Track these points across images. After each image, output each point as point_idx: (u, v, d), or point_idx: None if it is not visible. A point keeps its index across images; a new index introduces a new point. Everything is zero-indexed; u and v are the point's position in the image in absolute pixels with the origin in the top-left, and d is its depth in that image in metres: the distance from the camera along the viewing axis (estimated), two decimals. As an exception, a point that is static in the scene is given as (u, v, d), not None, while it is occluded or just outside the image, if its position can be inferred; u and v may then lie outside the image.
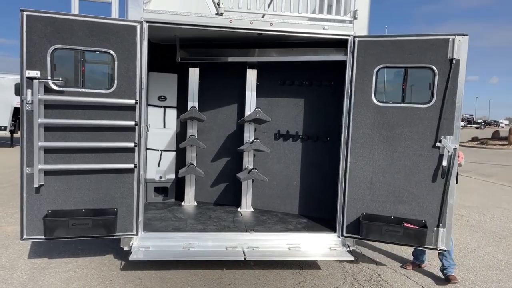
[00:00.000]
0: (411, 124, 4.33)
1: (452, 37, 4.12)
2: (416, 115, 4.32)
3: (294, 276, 4.56)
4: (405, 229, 4.32)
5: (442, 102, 4.19)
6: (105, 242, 5.14)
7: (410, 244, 4.43)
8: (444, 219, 4.27)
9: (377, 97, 4.45)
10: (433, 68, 4.20)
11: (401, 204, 4.44)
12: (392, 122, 4.40)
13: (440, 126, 4.20)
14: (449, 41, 4.12)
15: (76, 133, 4.05)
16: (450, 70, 4.12)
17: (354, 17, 4.51)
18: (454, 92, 4.15)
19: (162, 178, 6.24)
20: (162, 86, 6.16)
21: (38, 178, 3.91)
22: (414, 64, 4.29)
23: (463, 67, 4.12)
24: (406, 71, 4.36)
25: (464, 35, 4.11)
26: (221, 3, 4.34)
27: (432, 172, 4.29)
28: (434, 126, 4.23)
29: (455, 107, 4.17)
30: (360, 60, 4.45)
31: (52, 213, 4.03)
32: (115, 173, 4.18)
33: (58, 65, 3.97)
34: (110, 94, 4.08)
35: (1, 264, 4.62)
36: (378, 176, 4.48)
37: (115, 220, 4.12)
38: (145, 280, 4.30)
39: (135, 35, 4.10)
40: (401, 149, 4.38)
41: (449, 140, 4.16)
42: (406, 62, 4.32)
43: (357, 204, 4.57)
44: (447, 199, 4.25)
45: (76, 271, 4.50)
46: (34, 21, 3.83)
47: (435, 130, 4.23)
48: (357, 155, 4.55)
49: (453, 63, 4.10)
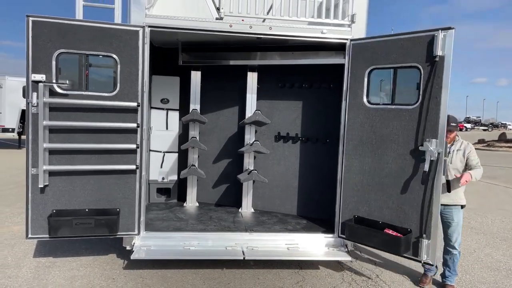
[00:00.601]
0: (397, 126, 4.20)
1: (436, 32, 3.86)
2: (402, 116, 4.17)
3: (293, 275, 4.63)
4: (383, 235, 4.18)
5: (427, 102, 3.98)
6: (108, 242, 5.24)
7: (388, 251, 4.30)
8: (428, 230, 4.00)
9: (369, 99, 4.47)
10: (419, 67, 4.02)
11: (388, 210, 4.30)
12: (381, 124, 4.32)
13: (425, 129, 3.98)
14: (434, 37, 3.87)
15: (80, 135, 4.16)
16: (434, 68, 3.90)
17: (352, 21, 4.59)
18: (439, 91, 3.88)
19: (164, 179, 6.34)
20: (165, 89, 6.28)
21: (43, 178, 4.03)
22: (401, 64, 4.16)
23: (448, 64, 3.83)
24: (395, 71, 4.25)
25: (450, 29, 3.82)
26: (221, 7, 4.44)
27: (415, 178, 4.09)
28: (419, 128, 4.04)
29: (440, 107, 3.89)
30: (354, 62, 4.51)
31: (56, 213, 4.14)
32: (117, 174, 4.29)
33: (62, 69, 4.09)
34: (113, 97, 4.19)
35: (7, 262, 4.75)
36: (368, 179, 4.45)
37: (117, 220, 4.22)
38: (146, 279, 4.40)
39: (137, 40, 4.20)
40: (389, 152, 4.26)
41: (433, 143, 3.90)
42: (393, 63, 4.21)
43: (350, 206, 4.62)
44: (431, 208, 3.99)
45: (80, 269, 4.61)
46: (39, 26, 3.95)
47: (420, 133, 4.03)
48: (350, 158, 4.59)
49: (436, 61, 3.87)
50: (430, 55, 3.89)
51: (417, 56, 4.02)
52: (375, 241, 4.26)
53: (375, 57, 4.34)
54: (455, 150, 4.24)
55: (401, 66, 4.19)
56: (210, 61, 5.75)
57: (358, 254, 5.37)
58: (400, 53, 4.14)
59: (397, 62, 4.18)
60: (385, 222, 4.30)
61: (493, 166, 16.21)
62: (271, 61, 5.53)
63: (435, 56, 3.85)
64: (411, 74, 4.11)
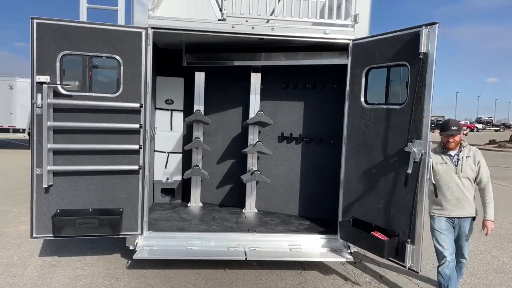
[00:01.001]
0: (388, 127, 4.12)
1: (420, 28, 3.73)
2: (392, 116, 4.09)
3: (295, 276, 4.62)
4: (369, 238, 4.14)
5: (411, 101, 3.85)
6: (113, 242, 5.28)
7: (374, 253, 4.30)
8: (412, 235, 3.85)
9: (366, 99, 4.44)
10: (407, 65, 3.92)
11: (380, 212, 4.23)
12: (374, 124, 4.26)
13: (410, 129, 3.84)
14: (419, 33, 3.73)
15: (83, 136, 4.21)
16: (419, 66, 3.76)
17: (355, 21, 4.56)
18: (423, 90, 3.73)
19: (169, 179, 6.38)
20: (170, 89, 6.31)
21: (47, 178, 4.08)
22: (393, 63, 4.08)
23: (432, 61, 3.68)
24: (388, 70, 4.20)
25: (434, 24, 3.66)
26: (223, 8, 4.45)
27: (400, 181, 3.97)
28: (405, 129, 3.90)
29: (423, 107, 3.74)
30: (353, 62, 4.50)
31: (60, 213, 4.19)
32: (120, 174, 4.32)
33: (66, 70, 4.14)
34: (116, 98, 4.22)
35: (13, 261, 4.82)
36: (364, 181, 4.42)
37: (120, 220, 4.26)
38: (149, 279, 4.43)
39: (140, 41, 4.23)
40: (379, 153, 4.20)
41: (416, 144, 3.76)
42: (387, 61, 4.14)
43: (350, 208, 4.60)
44: (414, 212, 3.83)
45: (84, 268, 4.66)
46: (44, 28, 4.00)
47: (406, 133, 3.88)
48: (350, 159, 4.58)
49: (421, 58, 3.72)
50: (416, 52, 3.77)
51: (405, 53, 3.93)
52: (364, 243, 4.29)
53: (371, 57, 4.31)
54: (464, 157, 3.79)
55: (392, 64, 4.12)
56: (213, 62, 5.78)
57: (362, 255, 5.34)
58: (391, 51, 4.07)
59: (390, 60, 4.12)
60: (377, 225, 4.26)
61: (503, 167, 15.98)
62: (275, 62, 5.54)
63: (420, 53, 3.73)
64: (403, 72, 4.02)
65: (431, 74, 3.70)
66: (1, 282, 4.23)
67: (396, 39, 4.03)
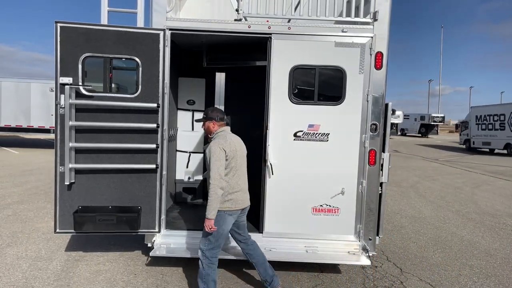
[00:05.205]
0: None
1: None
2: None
3: (312, 278, 4.55)
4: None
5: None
6: (135, 239, 5.42)
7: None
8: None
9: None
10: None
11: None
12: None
13: None
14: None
15: (104, 135, 4.33)
16: None
17: (374, 18, 4.44)
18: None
19: (190, 178, 6.46)
20: (191, 90, 6.40)
21: (69, 176, 4.24)
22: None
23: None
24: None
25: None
26: (240, 9, 4.46)
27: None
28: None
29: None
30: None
31: (82, 209, 4.34)
32: (139, 173, 4.42)
33: (88, 71, 4.29)
34: (135, 98, 4.32)
35: (40, 255, 5.04)
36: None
37: (137, 218, 4.35)
38: (166, 276, 4.50)
39: (158, 42, 4.31)
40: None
41: None
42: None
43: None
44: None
45: (106, 264, 4.81)
46: (67, 31, 4.17)
47: None
48: None
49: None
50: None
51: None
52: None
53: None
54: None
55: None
56: (233, 62, 5.79)
57: (384, 259, 5.18)
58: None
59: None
60: None
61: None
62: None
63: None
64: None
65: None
66: (27, 275, 4.44)
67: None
